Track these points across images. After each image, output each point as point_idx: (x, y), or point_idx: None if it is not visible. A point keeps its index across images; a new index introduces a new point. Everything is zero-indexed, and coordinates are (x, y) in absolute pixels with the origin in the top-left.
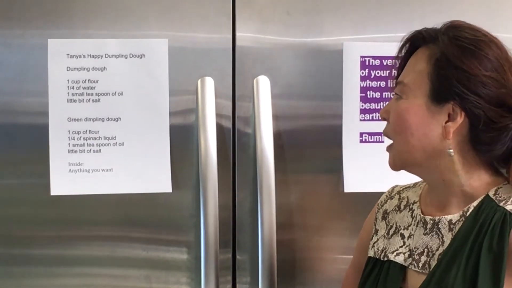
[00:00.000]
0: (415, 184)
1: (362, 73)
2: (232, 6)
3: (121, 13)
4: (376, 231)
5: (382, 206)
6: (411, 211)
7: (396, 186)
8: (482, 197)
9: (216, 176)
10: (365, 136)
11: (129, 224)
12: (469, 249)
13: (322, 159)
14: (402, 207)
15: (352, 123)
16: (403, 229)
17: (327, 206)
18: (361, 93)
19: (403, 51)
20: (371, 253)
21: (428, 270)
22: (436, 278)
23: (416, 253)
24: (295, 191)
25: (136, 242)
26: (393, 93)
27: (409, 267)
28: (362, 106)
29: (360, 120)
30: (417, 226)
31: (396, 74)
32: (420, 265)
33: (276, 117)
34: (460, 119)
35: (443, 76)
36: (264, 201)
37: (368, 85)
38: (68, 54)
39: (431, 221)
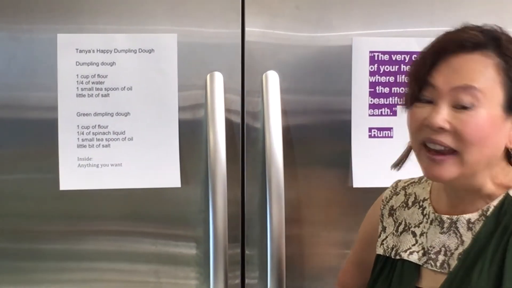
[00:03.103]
0: (420, 179)
1: (371, 68)
2: (241, 1)
3: (130, 8)
4: (384, 228)
5: (388, 202)
6: (421, 208)
7: (400, 181)
8: (502, 196)
9: (225, 171)
10: (374, 131)
11: (138, 219)
12: (493, 249)
13: (331, 154)
14: (410, 203)
15: (361, 118)
16: (414, 227)
17: (336, 201)
18: (370, 88)
19: (431, 50)
20: (380, 251)
21: (447, 269)
22: (459, 278)
23: (432, 252)
24: (304, 186)
25: (145, 237)
26: (452, 98)
27: (424, 266)
28: (371, 101)
29: (369, 115)
30: (430, 224)
31: (422, 71)
32: (438, 264)
33: (285, 112)
34: None
35: None
36: (273, 196)
37: (377, 80)
38: (77, 49)
39: (448, 220)
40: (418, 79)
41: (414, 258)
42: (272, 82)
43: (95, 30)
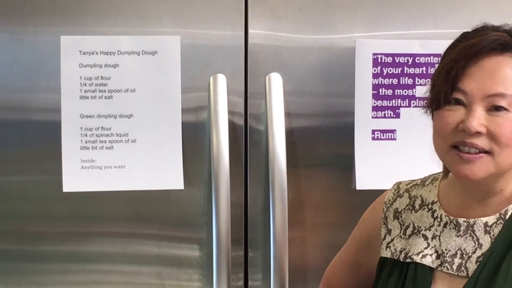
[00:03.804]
0: (423, 182)
1: (374, 70)
2: (245, 3)
3: (133, 10)
4: (389, 231)
5: (392, 204)
6: (431, 211)
7: (400, 183)
8: None
9: (228, 173)
10: (377, 134)
11: (141, 221)
12: None
13: (334, 156)
14: (417, 206)
15: (364, 121)
16: (425, 230)
17: (339, 203)
18: (373, 90)
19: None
20: (386, 254)
21: (465, 272)
22: (482, 280)
23: (447, 255)
24: (307, 188)
25: (148, 239)
26: (489, 105)
27: (439, 269)
28: (374, 103)
29: (372, 117)
30: (444, 227)
31: (455, 79)
32: (455, 267)
33: (288, 115)
34: None
35: None
36: (276, 198)
37: (380, 83)
38: (80, 51)
39: (465, 223)
40: (450, 83)
41: (427, 261)
42: (275, 84)
43: (99, 32)
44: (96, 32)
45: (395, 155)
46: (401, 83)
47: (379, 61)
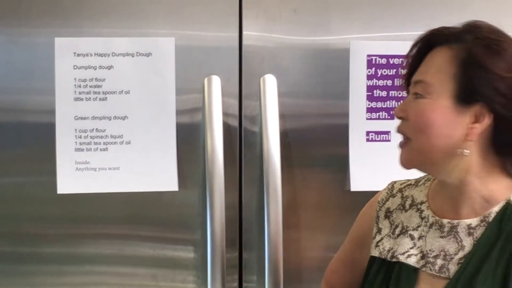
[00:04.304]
0: (416, 182)
1: (369, 72)
2: (239, 4)
3: (128, 12)
4: (379, 230)
5: (384, 204)
6: (419, 212)
7: (395, 182)
8: (503, 203)
9: (223, 175)
10: (372, 135)
11: (136, 222)
12: (498, 256)
13: (329, 158)
14: (407, 206)
15: (359, 122)
16: (412, 230)
17: (334, 205)
18: (367, 91)
19: (415, 49)
20: (375, 253)
21: (447, 273)
22: (461, 283)
23: (431, 256)
24: (301, 189)
25: (143, 240)
26: (412, 92)
27: (423, 269)
28: (369, 104)
29: (367, 118)
30: (430, 228)
31: (407, 72)
32: (437, 268)
33: (282, 116)
34: (488, 120)
35: (471, 77)
36: (270, 199)
37: (374, 84)
38: (75, 53)
39: (449, 225)
40: (407, 81)
41: (412, 261)
42: (270, 85)
43: (93, 34)
44: (91, 34)
45: (390, 156)
46: (395, 84)
47: (374, 62)
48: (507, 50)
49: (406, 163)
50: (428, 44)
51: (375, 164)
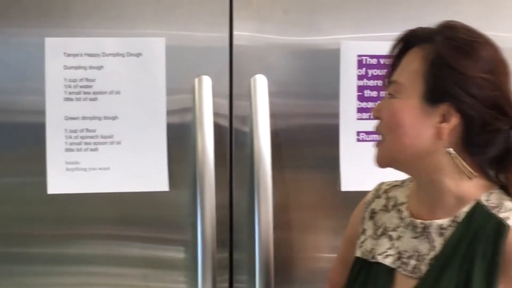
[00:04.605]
0: (402, 183)
1: (359, 72)
2: (230, 5)
3: (118, 12)
4: (364, 231)
5: (370, 205)
6: (399, 212)
7: (383, 183)
8: (473, 203)
9: (213, 175)
10: (362, 135)
11: (126, 222)
12: (463, 256)
13: (319, 158)
14: (390, 207)
15: (349, 122)
16: (391, 231)
17: (324, 205)
18: (358, 92)
19: (395, 50)
20: (358, 253)
21: (418, 274)
22: (428, 284)
23: (405, 256)
24: (292, 190)
25: (133, 240)
26: (386, 92)
27: (398, 270)
28: (359, 105)
29: (357, 119)
30: (406, 228)
31: (388, 73)
32: (410, 268)
33: (273, 116)
34: (455, 120)
35: (439, 76)
36: (261, 200)
37: (365, 84)
38: (65, 53)
39: (422, 225)
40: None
41: (388, 261)
42: (261, 86)
43: (83, 34)
44: (81, 34)
45: None
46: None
47: (364, 62)
48: (478, 51)
49: (378, 162)
50: (406, 44)
51: (365, 164)
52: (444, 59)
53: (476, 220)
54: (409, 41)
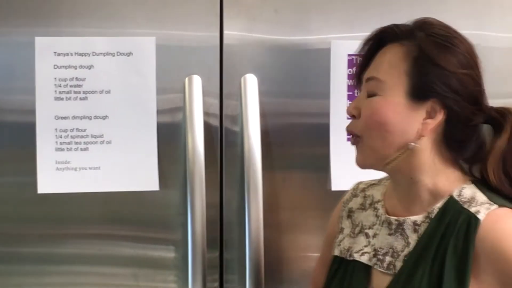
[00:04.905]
0: (379, 181)
1: (350, 71)
2: (220, 4)
3: (108, 11)
4: (342, 230)
5: (348, 204)
6: (375, 210)
7: (361, 182)
8: (446, 198)
9: (204, 175)
10: None
11: (117, 222)
12: (435, 251)
13: (310, 157)
14: (367, 205)
15: (340, 121)
16: (368, 229)
17: (315, 204)
18: (348, 91)
19: (366, 47)
20: (336, 252)
21: (393, 271)
22: (402, 280)
23: (381, 253)
24: (282, 189)
25: (124, 240)
26: (364, 90)
27: (374, 267)
28: (350, 104)
29: (348, 118)
30: (381, 225)
31: (358, 70)
32: (385, 265)
33: (263, 115)
34: (440, 116)
35: (423, 73)
36: (251, 199)
37: (355, 84)
38: (55, 52)
39: (396, 222)
40: (357, 76)
41: (364, 259)
42: (251, 85)
43: (73, 33)
44: (71, 33)
45: None
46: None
47: (354, 62)
48: (458, 46)
49: (361, 163)
50: (378, 42)
51: (355, 164)
52: (427, 55)
53: (448, 215)
54: (383, 38)
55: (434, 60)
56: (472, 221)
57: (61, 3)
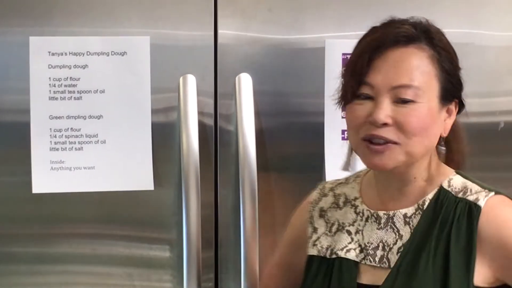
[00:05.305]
0: (347, 180)
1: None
2: (214, 3)
3: (103, 11)
4: (315, 229)
5: (317, 204)
6: (354, 207)
7: (326, 182)
8: (436, 190)
9: (198, 174)
10: (347, 134)
11: (111, 221)
12: (435, 241)
13: (304, 157)
14: (341, 204)
15: (334, 121)
16: (349, 226)
17: None
18: None
19: (371, 50)
20: (313, 252)
21: (387, 264)
22: (403, 271)
23: (370, 248)
24: (277, 188)
25: (118, 240)
26: (395, 97)
27: (363, 262)
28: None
29: (342, 117)
30: (366, 221)
31: (361, 72)
32: (377, 259)
33: (258, 115)
34: (455, 113)
35: (452, 76)
36: (246, 198)
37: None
38: (49, 52)
39: (385, 216)
40: (357, 77)
41: (351, 255)
42: (245, 84)
43: (68, 33)
44: (65, 33)
45: None
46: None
47: None
48: (453, 48)
49: (389, 166)
50: (382, 43)
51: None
52: (448, 58)
53: (441, 205)
54: (386, 41)
55: (453, 62)
56: (473, 208)
57: (55, 3)
